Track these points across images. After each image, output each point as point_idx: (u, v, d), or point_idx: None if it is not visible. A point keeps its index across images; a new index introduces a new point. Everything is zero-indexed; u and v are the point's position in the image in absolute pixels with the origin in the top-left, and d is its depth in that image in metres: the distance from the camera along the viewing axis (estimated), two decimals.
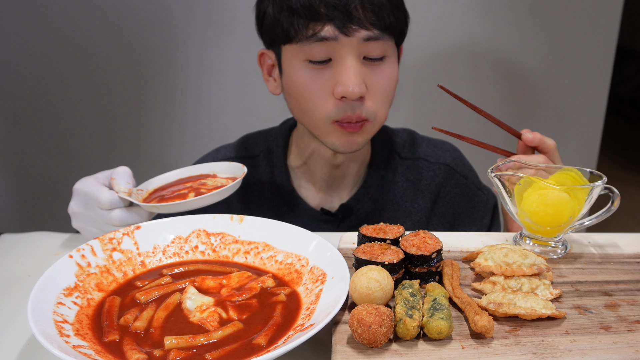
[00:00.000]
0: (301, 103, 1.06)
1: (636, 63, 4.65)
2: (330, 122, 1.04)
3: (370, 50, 1.00)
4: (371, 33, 0.98)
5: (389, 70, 1.04)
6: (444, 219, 1.23)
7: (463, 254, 0.86)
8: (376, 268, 0.69)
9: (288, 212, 1.20)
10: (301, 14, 0.98)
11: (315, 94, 1.02)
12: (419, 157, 1.23)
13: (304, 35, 0.99)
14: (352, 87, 0.98)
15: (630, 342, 0.65)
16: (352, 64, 0.99)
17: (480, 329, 0.64)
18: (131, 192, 0.93)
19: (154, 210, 0.92)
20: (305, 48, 1.00)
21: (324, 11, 0.96)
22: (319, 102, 1.03)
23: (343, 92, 0.99)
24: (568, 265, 0.83)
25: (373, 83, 1.02)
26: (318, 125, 1.06)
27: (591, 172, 0.84)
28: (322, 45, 0.99)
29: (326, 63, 1.01)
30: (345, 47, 0.99)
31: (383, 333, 0.62)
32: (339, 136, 1.06)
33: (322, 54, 1.00)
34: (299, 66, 1.02)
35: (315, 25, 0.98)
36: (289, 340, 0.66)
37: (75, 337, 0.67)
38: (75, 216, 0.94)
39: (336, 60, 1.00)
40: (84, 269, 0.80)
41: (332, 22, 0.97)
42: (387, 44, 1.02)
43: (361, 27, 0.97)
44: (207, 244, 0.89)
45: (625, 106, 4.82)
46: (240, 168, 1.00)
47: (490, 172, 0.85)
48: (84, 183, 0.93)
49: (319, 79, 1.02)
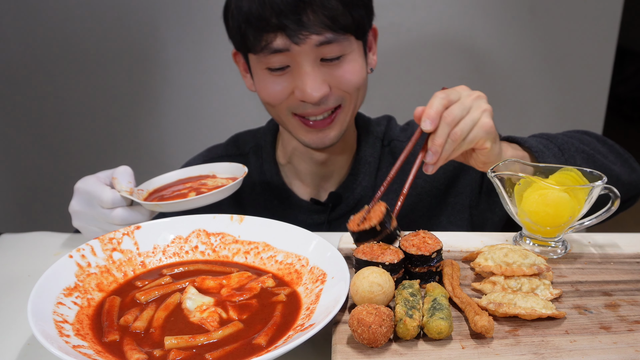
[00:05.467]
0: (265, 103, 1.11)
1: (636, 63, 4.65)
2: (291, 115, 1.08)
3: (326, 52, 1.02)
4: (323, 37, 1.00)
5: (349, 67, 1.06)
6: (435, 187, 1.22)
7: (463, 254, 0.86)
8: (377, 270, 0.69)
9: (279, 206, 1.21)
10: (254, 26, 1.00)
11: (278, 97, 1.07)
12: (394, 139, 1.24)
13: (259, 46, 1.02)
14: (311, 93, 1.02)
15: (630, 342, 0.65)
16: (309, 69, 1.02)
17: (480, 329, 0.64)
18: (133, 191, 0.93)
19: (156, 209, 0.92)
20: (262, 59, 1.04)
21: (275, 21, 0.98)
22: (281, 103, 1.07)
23: (302, 97, 1.03)
24: (568, 265, 0.83)
25: (335, 81, 1.05)
26: (283, 120, 1.11)
27: (591, 172, 0.84)
28: (278, 55, 1.02)
29: (285, 69, 1.04)
30: (300, 54, 1.01)
31: (383, 333, 0.62)
32: (307, 132, 1.09)
33: (279, 63, 1.03)
34: (262, 74, 1.07)
35: (267, 37, 1.00)
36: (289, 340, 0.66)
37: (75, 337, 0.67)
38: (76, 215, 0.94)
39: (293, 67, 1.03)
40: (84, 269, 0.80)
41: (284, 32, 0.98)
42: (344, 43, 1.04)
43: (313, 32, 0.99)
44: (207, 244, 0.89)
45: (625, 106, 4.82)
46: (241, 168, 1.01)
47: (490, 172, 0.85)
48: (85, 182, 0.93)
49: (279, 85, 1.06)
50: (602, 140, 1.16)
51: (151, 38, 2.19)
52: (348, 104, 1.09)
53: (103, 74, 2.24)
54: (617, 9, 2.13)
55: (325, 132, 1.09)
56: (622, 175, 1.11)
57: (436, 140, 0.85)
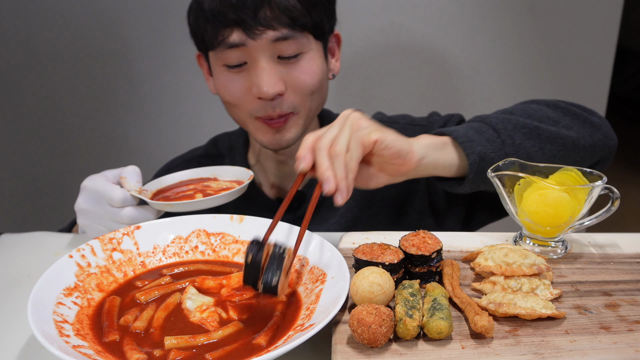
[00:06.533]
0: (225, 103, 1.11)
1: (636, 63, 4.64)
2: (253, 118, 1.09)
3: (283, 49, 1.03)
4: (279, 33, 1.01)
5: (307, 66, 1.06)
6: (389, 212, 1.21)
7: (463, 254, 0.86)
8: (377, 270, 0.69)
9: (247, 205, 1.22)
10: (212, 21, 1.02)
11: (236, 95, 1.07)
12: None
13: (217, 42, 1.03)
14: (265, 88, 1.02)
15: (630, 342, 0.65)
16: (265, 65, 1.03)
17: (480, 329, 0.64)
18: (141, 191, 0.94)
19: (166, 209, 0.93)
20: (220, 55, 1.05)
21: (232, 16, 0.99)
22: (241, 103, 1.08)
23: (258, 93, 1.04)
24: (568, 265, 0.83)
25: (291, 80, 1.06)
26: (245, 123, 1.12)
27: (591, 172, 0.84)
28: (235, 51, 1.03)
29: (242, 66, 1.05)
30: (257, 50, 1.02)
31: (383, 333, 0.62)
32: (265, 133, 1.10)
33: (236, 59, 1.04)
34: (220, 71, 1.08)
35: (224, 31, 1.01)
36: (289, 340, 0.66)
37: (75, 337, 0.67)
38: (82, 213, 0.94)
39: (250, 63, 1.04)
40: (84, 269, 0.80)
41: (240, 27, 1.00)
42: (301, 41, 1.04)
43: (268, 28, 1.00)
44: (207, 244, 0.89)
45: (625, 106, 4.82)
46: (246, 172, 1.04)
47: (490, 172, 0.85)
48: (93, 180, 0.94)
49: (237, 82, 1.06)
50: (552, 105, 1.06)
51: (151, 38, 2.19)
52: (302, 110, 1.09)
53: (103, 75, 2.24)
54: (617, 9, 2.13)
55: (281, 133, 1.09)
56: (582, 139, 1.01)
57: (320, 168, 0.77)
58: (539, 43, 2.18)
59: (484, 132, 0.95)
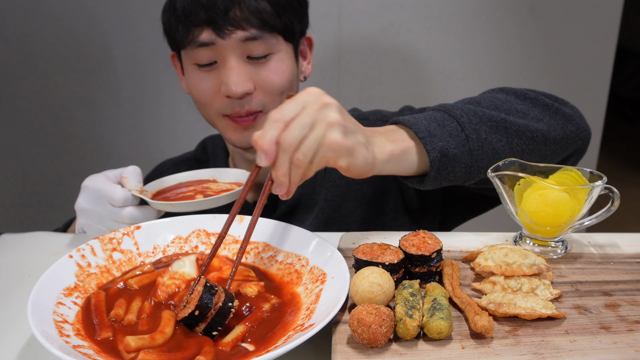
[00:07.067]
0: (196, 102, 1.13)
1: (636, 63, 4.65)
2: (221, 116, 1.10)
3: (252, 49, 1.04)
4: (248, 33, 1.02)
5: (276, 66, 1.07)
6: None
7: (463, 254, 0.86)
8: (377, 270, 0.69)
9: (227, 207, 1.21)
10: (183, 21, 1.04)
11: (205, 94, 1.09)
12: None
13: (187, 40, 1.05)
14: (234, 87, 1.04)
15: (630, 342, 0.65)
16: (234, 64, 1.04)
17: (480, 329, 0.64)
18: (142, 191, 0.95)
19: (167, 209, 0.93)
20: (191, 53, 1.06)
21: (203, 16, 1.01)
22: (210, 102, 1.09)
23: (226, 92, 1.05)
24: (568, 265, 0.83)
25: (260, 79, 1.07)
26: (214, 122, 1.13)
27: (591, 172, 0.84)
28: (205, 49, 1.04)
29: (212, 65, 1.07)
30: (226, 49, 1.03)
31: (383, 333, 0.62)
32: (233, 131, 1.11)
33: (206, 58, 1.06)
34: (191, 70, 1.09)
35: (195, 31, 1.03)
36: (289, 340, 0.66)
37: (75, 337, 0.67)
38: (82, 213, 0.94)
39: (220, 62, 1.06)
40: (84, 269, 0.80)
41: (211, 27, 1.02)
42: (270, 42, 1.05)
43: (238, 28, 1.02)
44: (207, 244, 0.89)
45: (625, 106, 4.82)
46: (245, 174, 1.04)
47: (490, 172, 0.85)
48: (94, 180, 0.94)
49: (206, 81, 1.08)
50: (521, 95, 1.00)
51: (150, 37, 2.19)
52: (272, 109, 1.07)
53: (103, 75, 2.24)
54: (617, 9, 2.13)
55: (250, 131, 1.10)
56: (553, 132, 0.95)
57: (278, 171, 0.74)
58: (539, 43, 2.18)
59: (447, 125, 0.88)
